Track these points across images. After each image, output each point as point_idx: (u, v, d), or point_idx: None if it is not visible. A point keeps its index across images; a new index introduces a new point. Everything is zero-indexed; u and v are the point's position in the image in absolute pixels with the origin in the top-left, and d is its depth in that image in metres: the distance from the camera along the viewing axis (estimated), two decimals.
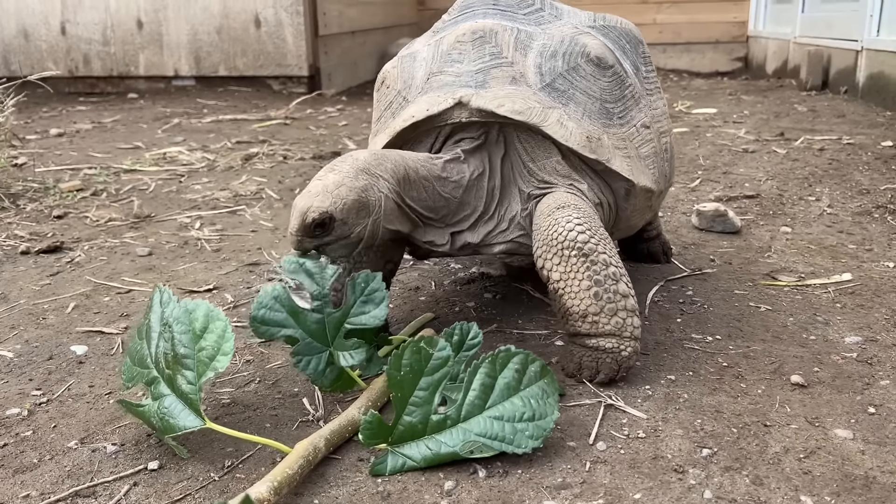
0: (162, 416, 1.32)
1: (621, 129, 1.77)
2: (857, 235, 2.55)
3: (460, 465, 1.31)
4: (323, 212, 1.47)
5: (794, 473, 1.27)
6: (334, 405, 1.54)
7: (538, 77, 1.71)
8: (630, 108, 1.80)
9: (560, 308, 1.56)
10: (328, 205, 1.48)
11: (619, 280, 1.53)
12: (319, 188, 1.51)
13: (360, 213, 1.53)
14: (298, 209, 1.49)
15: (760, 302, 1.99)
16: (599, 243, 1.54)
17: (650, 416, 1.45)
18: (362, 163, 1.57)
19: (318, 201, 1.48)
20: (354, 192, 1.51)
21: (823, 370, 1.62)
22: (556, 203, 1.61)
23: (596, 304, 1.51)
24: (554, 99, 1.69)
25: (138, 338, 1.46)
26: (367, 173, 1.56)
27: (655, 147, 1.87)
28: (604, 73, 1.76)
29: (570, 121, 1.68)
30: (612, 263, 1.54)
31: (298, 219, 1.48)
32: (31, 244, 2.61)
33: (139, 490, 1.28)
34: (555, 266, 1.55)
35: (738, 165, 3.64)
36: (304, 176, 3.64)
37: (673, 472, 1.28)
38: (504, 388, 1.34)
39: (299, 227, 1.48)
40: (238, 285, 2.23)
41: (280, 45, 6.54)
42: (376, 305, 1.49)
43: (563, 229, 1.54)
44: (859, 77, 5.58)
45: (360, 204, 1.52)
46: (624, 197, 1.79)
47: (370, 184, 1.55)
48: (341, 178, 1.52)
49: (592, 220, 1.58)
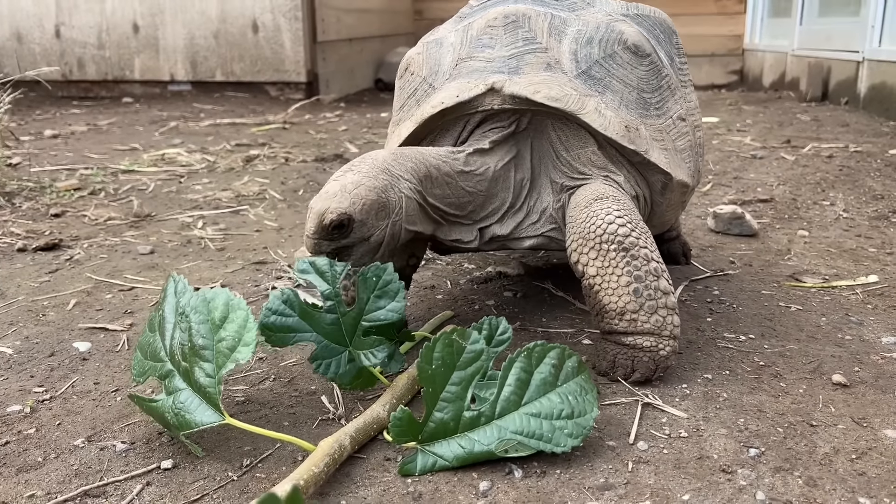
0: (177, 411, 1.24)
1: (658, 121, 1.70)
2: (876, 239, 2.50)
3: (495, 464, 1.24)
4: (341, 213, 1.41)
5: (847, 475, 1.20)
6: (355, 403, 1.46)
7: (574, 64, 1.64)
8: (666, 98, 1.74)
9: (595, 304, 1.49)
10: (347, 205, 1.41)
11: (661, 276, 1.46)
12: (337, 188, 1.44)
13: (379, 214, 1.46)
14: (315, 211, 1.42)
15: (790, 302, 1.93)
16: (641, 237, 1.46)
17: (690, 415, 1.38)
18: (381, 162, 1.50)
19: (335, 202, 1.41)
20: (374, 192, 1.45)
21: (864, 370, 1.55)
22: (594, 194, 1.54)
23: (635, 300, 1.44)
24: (590, 87, 1.62)
25: (149, 330, 1.38)
26: (387, 173, 1.49)
27: (691, 140, 1.80)
28: (641, 61, 1.69)
29: (608, 109, 1.61)
30: (654, 258, 1.46)
31: (315, 221, 1.41)
32: (29, 241, 2.52)
33: (153, 490, 1.20)
34: (591, 260, 1.47)
35: (749, 171, 3.60)
36: (307, 177, 3.57)
37: (721, 472, 1.21)
38: (541, 384, 1.26)
39: (316, 229, 1.42)
40: (246, 283, 2.15)
41: (278, 50, 6.48)
42: (391, 298, 1.41)
43: (602, 222, 1.47)
44: (861, 88, 5.56)
45: (379, 204, 1.45)
46: (660, 191, 1.72)
47: (390, 183, 1.48)
48: (360, 178, 1.46)
49: (633, 213, 1.51)
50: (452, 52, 1.73)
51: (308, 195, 3.25)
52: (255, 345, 1.24)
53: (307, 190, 3.35)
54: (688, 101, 1.87)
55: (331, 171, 3.73)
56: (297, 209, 3.01)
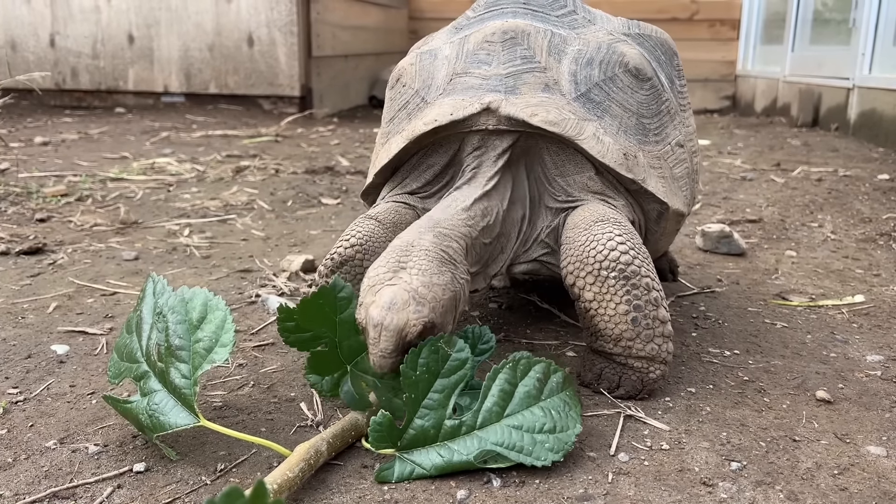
0: (152, 412, 1.22)
1: (657, 147, 1.65)
2: (863, 261, 2.50)
3: (473, 473, 1.22)
4: (426, 322, 1.24)
5: (829, 490, 1.19)
6: (334, 410, 1.44)
7: (573, 85, 1.59)
8: (666, 124, 1.69)
9: (590, 327, 1.45)
10: (427, 312, 1.25)
11: (660, 305, 1.42)
12: (404, 296, 1.25)
13: (449, 312, 1.32)
14: (392, 328, 1.22)
15: (776, 319, 1.92)
16: (643, 265, 1.41)
17: (672, 427, 1.36)
18: (434, 250, 1.35)
19: (415, 313, 1.24)
20: (447, 290, 1.30)
21: (848, 387, 1.54)
22: (595, 216, 1.48)
23: (633, 329, 1.40)
24: (589, 110, 1.57)
25: (126, 332, 1.36)
26: (447, 262, 1.35)
27: (688, 167, 1.76)
28: (642, 85, 1.64)
29: (607, 135, 1.56)
30: (654, 287, 1.42)
31: (393, 339, 1.23)
32: (12, 245, 2.50)
33: (123, 493, 1.18)
34: (588, 285, 1.42)
35: (738, 192, 3.61)
36: (296, 189, 3.56)
37: (702, 485, 1.19)
38: (524, 397, 1.24)
39: (396, 346, 1.23)
40: (230, 290, 2.13)
41: (273, 64, 6.49)
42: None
43: (602, 247, 1.41)
44: (851, 114, 5.61)
45: (453, 301, 1.33)
46: (655, 220, 1.67)
47: (453, 274, 1.35)
48: (428, 278, 1.29)
49: (634, 238, 1.45)
50: (447, 66, 1.67)
51: (297, 206, 3.24)
52: (232, 345, 1.22)
53: (296, 201, 3.33)
54: (686, 125, 1.82)
55: (321, 183, 3.73)
56: (284, 220, 3.00)
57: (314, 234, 2.79)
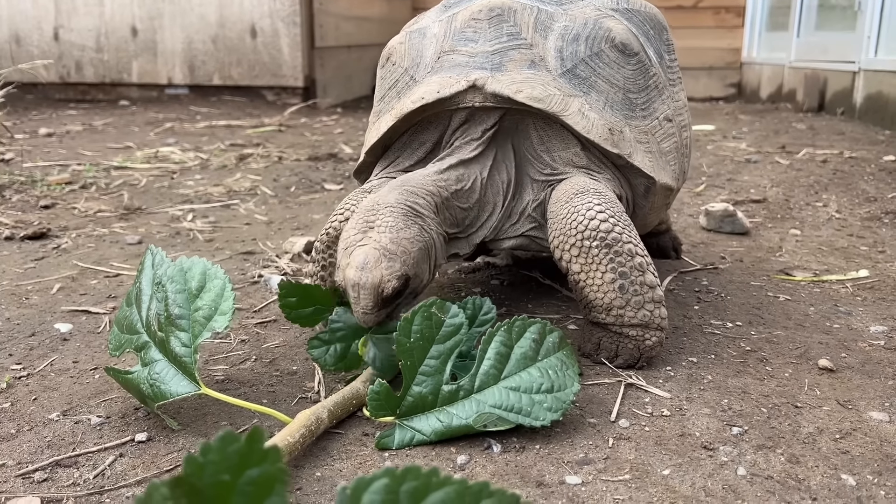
0: (153, 382, 1.22)
1: (644, 122, 1.66)
2: (867, 239, 2.49)
3: (473, 439, 1.22)
4: (398, 275, 1.30)
5: (831, 453, 1.18)
6: (336, 384, 1.44)
7: (559, 62, 1.59)
8: (653, 99, 1.69)
9: (582, 299, 1.47)
10: (399, 266, 1.31)
11: (646, 270, 1.42)
12: (375, 254, 1.31)
13: (422, 262, 1.38)
14: (368, 286, 1.29)
15: (779, 293, 1.92)
16: (623, 232, 1.43)
17: (674, 395, 1.36)
18: (400, 206, 1.39)
19: (387, 269, 1.30)
20: (417, 243, 1.36)
21: (851, 356, 1.54)
22: (575, 188, 1.50)
23: (621, 297, 1.41)
24: (574, 86, 1.58)
25: (126, 304, 1.36)
26: (413, 216, 1.40)
27: (677, 142, 1.76)
28: (628, 60, 1.65)
29: (592, 111, 1.56)
30: (638, 253, 1.43)
31: (371, 296, 1.29)
32: (16, 230, 2.50)
33: (125, 461, 1.18)
34: (574, 257, 1.44)
35: (742, 174, 3.59)
36: (299, 175, 3.56)
37: (702, 448, 1.19)
38: (521, 358, 1.25)
39: (375, 302, 1.30)
40: (232, 271, 2.14)
41: (276, 55, 6.49)
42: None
43: (583, 217, 1.43)
44: (857, 98, 5.57)
45: (423, 252, 1.38)
46: (643, 194, 1.67)
47: (421, 227, 1.40)
48: (395, 234, 1.34)
49: (615, 206, 1.46)
50: (435, 44, 1.68)
51: (300, 191, 3.24)
52: (231, 313, 1.22)
53: (299, 187, 3.34)
54: (676, 100, 1.82)
55: (324, 170, 3.73)
56: (287, 205, 3.00)
57: (317, 217, 2.79)
